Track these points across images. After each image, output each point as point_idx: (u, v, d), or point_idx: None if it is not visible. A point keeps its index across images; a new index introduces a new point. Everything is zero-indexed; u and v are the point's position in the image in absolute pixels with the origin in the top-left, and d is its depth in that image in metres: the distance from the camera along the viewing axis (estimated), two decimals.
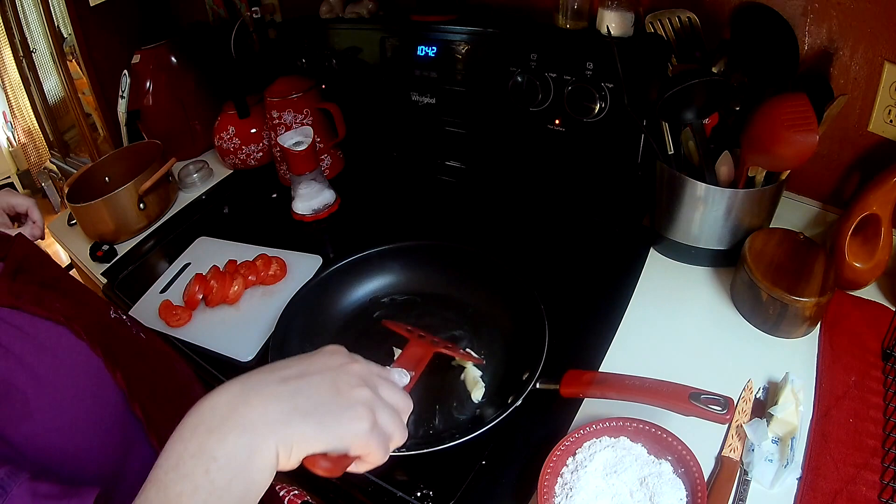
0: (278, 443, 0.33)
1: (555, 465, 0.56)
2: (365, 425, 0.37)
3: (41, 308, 0.45)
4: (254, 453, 0.33)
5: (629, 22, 0.84)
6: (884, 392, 0.62)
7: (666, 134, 0.77)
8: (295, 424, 0.34)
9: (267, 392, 0.35)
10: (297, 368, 0.38)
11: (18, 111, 3.04)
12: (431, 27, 0.98)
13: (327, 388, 0.37)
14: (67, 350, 0.45)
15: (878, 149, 0.78)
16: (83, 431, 0.43)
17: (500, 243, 0.85)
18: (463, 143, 1.07)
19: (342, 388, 0.37)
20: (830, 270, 0.68)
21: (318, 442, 0.35)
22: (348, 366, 0.40)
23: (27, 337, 0.43)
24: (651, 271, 0.83)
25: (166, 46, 1.24)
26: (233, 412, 0.34)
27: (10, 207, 0.76)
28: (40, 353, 0.43)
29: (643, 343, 0.72)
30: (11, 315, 0.43)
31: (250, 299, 0.87)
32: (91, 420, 0.44)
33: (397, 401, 0.41)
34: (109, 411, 0.46)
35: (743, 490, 0.55)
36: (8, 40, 2.21)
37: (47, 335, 0.44)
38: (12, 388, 0.40)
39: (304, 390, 0.36)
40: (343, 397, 0.37)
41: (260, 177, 1.21)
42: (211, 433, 0.33)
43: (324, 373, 0.38)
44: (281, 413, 0.34)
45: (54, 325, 0.45)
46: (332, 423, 0.35)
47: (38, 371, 0.42)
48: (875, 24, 0.72)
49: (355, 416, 0.36)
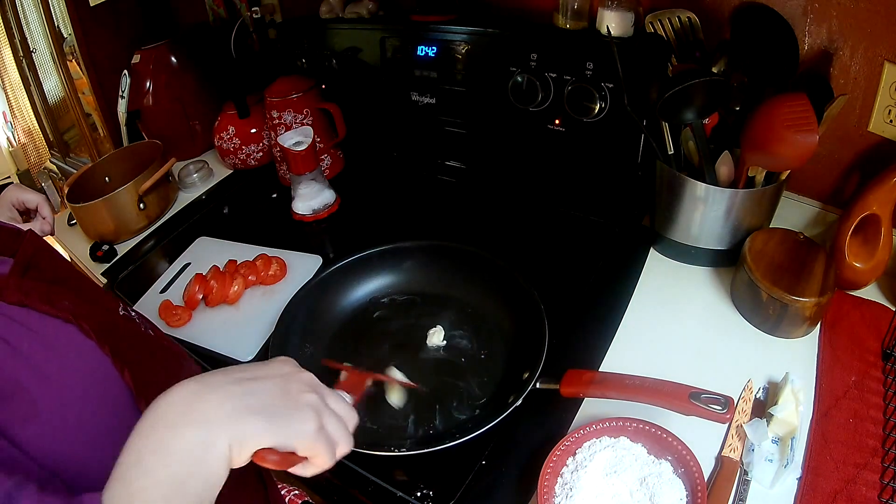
0: (231, 438, 0.35)
1: (555, 465, 0.56)
2: (311, 427, 0.39)
3: (50, 306, 0.45)
4: (209, 448, 0.35)
5: (629, 22, 0.84)
6: (884, 392, 0.62)
7: (666, 134, 0.77)
8: (246, 421, 0.36)
9: (221, 391, 0.37)
10: (250, 372, 0.40)
11: (18, 111, 3.04)
12: (431, 27, 0.98)
13: (279, 391, 0.39)
14: (75, 349, 0.45)
15: (878, 149, 0.78)
16: (90, 430, 0.43)
17: (500, 243, 0.85)
18: (463, 143, 1.07)
19: (292, 392, 0.40)
20: (830, 270, 0.68)
21: (267, 437, 0.37)
22: (298, 374, 0.42)
23: (35, 335, 0.43)
24: (651, 271, 0.83)
25: (166, 46, 1.24)
26: (189, 408, 0.36)
27: (21, 203, 0.76)
28: (48, 351, 0.43)
29: (643, 343, 0.72)
30: (20, 313, 0.43)
31: (250, 299, 0.87)
32: (98, 419, 0.44)
33: (343, 411, 0.44)
34: (116, 410, 0.46)
35: (743, 490, 0.55)
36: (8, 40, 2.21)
37: (55, 334, 0.44)
38: (20, 388, 0.40)
39: (257, 391, 0.38)
40: (292, 400, 0.39)
41: (260, 177, 1.21)
42: (167, 429, 0.35)
43: (275, 378, 0.40)
44: (234, 410, 0.36)
45: (62, 323, 0.45)
46: (280, 421, 0.38)
47: (45, 370, 0.42)
48: (875, 24, 0.72)
49: (303, 418, 0.39)
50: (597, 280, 0.82)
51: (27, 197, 0.76)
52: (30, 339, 0.43)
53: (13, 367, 0.41)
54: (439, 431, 0.64)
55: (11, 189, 0.77)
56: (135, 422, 0.44)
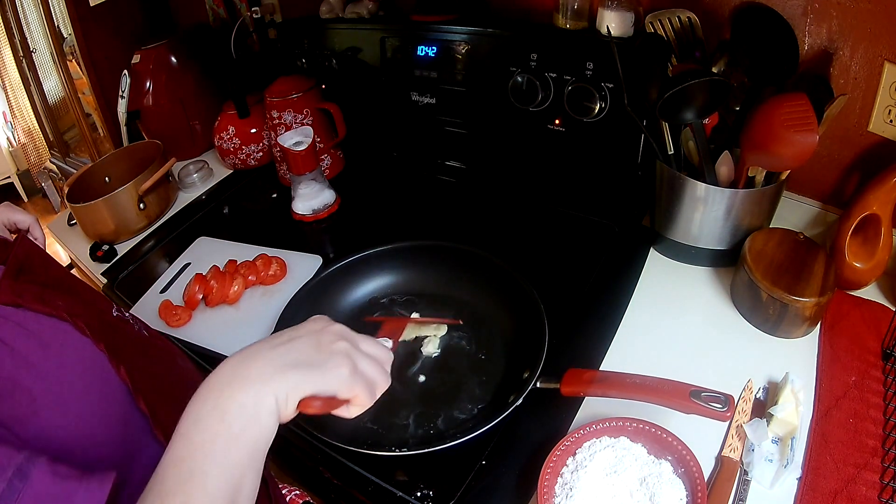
0: (276, 391, 0.40)
1: (555, 465, 0.56)
2: (345, 370, 0.44)
3: (44, 305, 0.45)
4: (258, 401, 0.39)
5: (629, 22, 0.84)
6: (884, 392, 0.62)
7: (666, 134, 0.77)
8: (286, 376, 0.41)
9: (261, 357, 0.42)
10: (286, 336, 0.45)
11: (18, 111, 3.05)
12: (431, 27, 0.98)
13: (312, 345, 0.44)
14: (71, 346, 0.46)
15: (878, 149, 0.78)
16: (89, 427, 0.44)
17: (500, 243, 0.85)
18: (463, 143, 1.07)
19: (324, 344, 0.45)
20: (830, 270, 0.68)
21: (307, 386, 0.42)
22: (329, 327, 0.47)
23: (30, 334, 0.43)
24: (651, 271, 0.83)
25: (166, 46, 1.24)
26: (235, 375, 0.41)
27: (12, 224, 0.75)
28: (44, 349, 0.44)
29: (643, 343, 0.72)
30: (14, 313, 0.44)
31: (250, 299, 0.87)
32: (97, 416, 0.45)
33: (376, 352, 0.48)
34: (115, 407, 0.46)
35: (743, 490, 0.55)
36: (8, 40, 2.21)
37: (51, 332, 0.45)
38: (18, 386, 0.41)
39: (292, 349, 0.43)
40: (325, 350, 0.44)
41: (260, 177, 1.21)
42: (221, 391, 0.40)
43: (308, 335, 0.45)
44: (274, 369, 0.41)
45: (57, 321, 0.46)
46: (316, 370, 0.43)
47: (42, 368, 0.43)
48: (875, 24, 0.72)
49: (337, 363, 0.44)
50: (597, 280, 0.82)
51: (18, 217, 0.75)
52: (26, 339, 0.43)
53: (11, 365, 0.41)
54: (439, 431, 0.64)
55: (2, 208, 0.75)
56: (135, 416, 0.44)
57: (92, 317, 0.48)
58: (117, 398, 0.47)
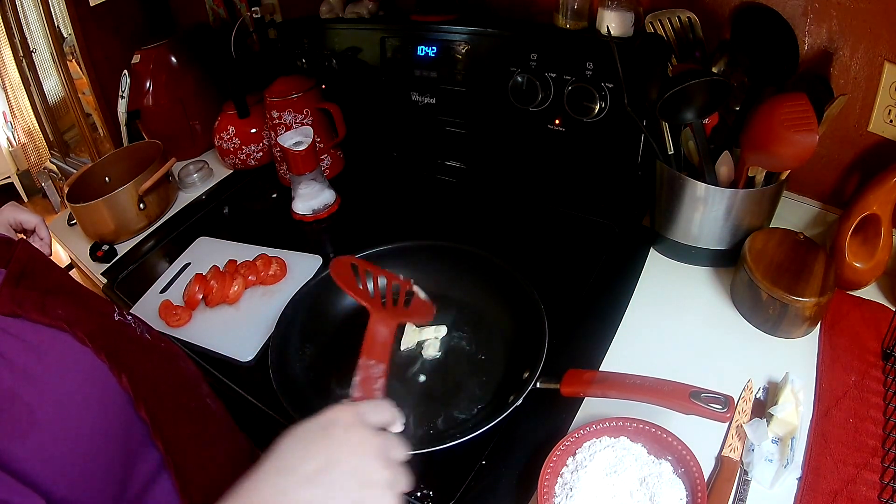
0: None
1: (555, 465, 0.56)
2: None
3: (43, 315, 0.44)
4: None
5: (629, 22, 0.84)
6: (884, 392, 0.62)
7: (666, 134, 0.77)
8: None
9: (301, 499, 0.38)
10: (322, 458, 0.40)
11: (18, 111, 3.04)
12: (431, 27, 0.98)
13: (356, 484, 0.40)
14: (71, 357, 0.45)
15: (878, 149, 0.78)
16: (89, 438, 0.43)
17: (500, 243, 0.85)
18: (463, 143, 1.07)
19: (365, 479, 0.40)
20: (830, 270, 0.68)
21: None
22: (367, 444, 0.42)
23: (29, 346, 0.42)
24: (651, 271, 0.83)
25: (166, 46, 1.24)
26: None
27: (18, 224, 0.74)
28: (43, 362, 0.43)
29: (643, 343, 0.72)
30: (13, 324, 0.43)
31: (250, 299, 0.87)
32: (97, 426, 0.44)
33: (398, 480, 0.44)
34: (115, 416, 0.45)
35: (743, 490, 0.55)
36: (8, 40, 2.21)
37: (50, 343, 0.44)
38: (17, 400, 0.40)
39: (335, 491, 0.39)
40: (366, 486, 0.40)
41: (260, 177, 1.21)
42: None
43: (348, 460, 0.41)
44: None
45: (57, 332, 0.45)
46: None
47: (41, 381, 0.42)
48: (875, 24, 0.72)
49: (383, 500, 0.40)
50: (597, 280, 0.82)
51: (24, 217, 0.74)
52: (25, 351, 0.42)
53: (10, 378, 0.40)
54: (439, 431, 0.64)
55: (8, 208, 0.75)
56: (135, 425, 0.44)
57: (93, 323, 0.47)
58: (118, 408, 0.46)
